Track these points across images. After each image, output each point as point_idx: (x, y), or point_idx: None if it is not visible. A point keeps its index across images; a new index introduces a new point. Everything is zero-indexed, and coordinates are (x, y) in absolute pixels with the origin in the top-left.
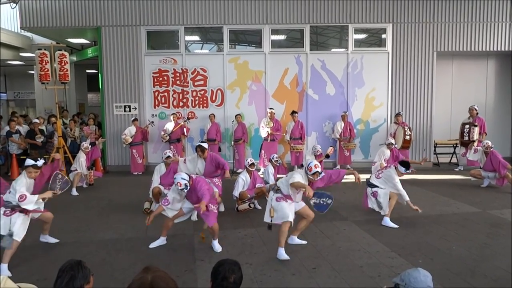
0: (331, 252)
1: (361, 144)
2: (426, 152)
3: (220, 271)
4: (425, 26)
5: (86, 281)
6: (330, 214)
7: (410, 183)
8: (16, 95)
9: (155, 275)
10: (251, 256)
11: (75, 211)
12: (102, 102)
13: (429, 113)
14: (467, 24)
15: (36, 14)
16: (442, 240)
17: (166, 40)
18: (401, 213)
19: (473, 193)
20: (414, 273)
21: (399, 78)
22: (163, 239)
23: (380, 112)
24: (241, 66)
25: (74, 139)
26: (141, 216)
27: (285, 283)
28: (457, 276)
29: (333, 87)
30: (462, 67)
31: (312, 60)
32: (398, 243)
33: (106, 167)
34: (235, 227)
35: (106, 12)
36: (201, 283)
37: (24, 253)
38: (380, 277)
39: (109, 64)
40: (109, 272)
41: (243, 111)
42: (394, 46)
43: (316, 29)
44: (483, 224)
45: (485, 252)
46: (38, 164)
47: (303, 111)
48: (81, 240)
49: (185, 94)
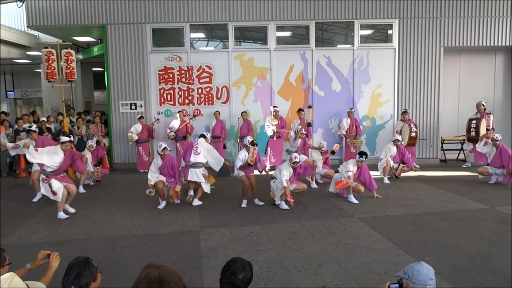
0: (337, 249)
1: (367, 141)
2: (433, 148)
3: (231, 266)
4: (432, 21)
5: (93, 278)
6: (336, 211)
7: (418, 180)
8: (23, 93)
9: (161, 269)
10: (257, 254)
11: (82, 208)
12: (108, 100)
13: (436, 109)
14: (475, 18)
15: (42, 12)
16: (450, 237)
17: (171, 38)
18: (407, 211)
19: (481, 190)
20: (417, 266)
21: (406, 74)
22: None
23: (386, 108)
24: (246, 63)
25: (81, 136)
26: (148, 214)
27: (291, 280)
28: (465, 273)
29: (339, 84)
30: (469, 63)
31: (317, 56)
32: (405, 240)
33: (113, 165)
34: (241, 224)
35: (112, 10)
36: (207, 280)
37: (32, 250)
38: (387, 274)
39: (115, 62)
40: (115, 269)
41: (248, 108)
42: (401, 41)
43: (322, 25)
44: (490, 221)
45: (493, 249)
46: (32, 128)
47: None
48: (88, 237)
49: (191, 91)
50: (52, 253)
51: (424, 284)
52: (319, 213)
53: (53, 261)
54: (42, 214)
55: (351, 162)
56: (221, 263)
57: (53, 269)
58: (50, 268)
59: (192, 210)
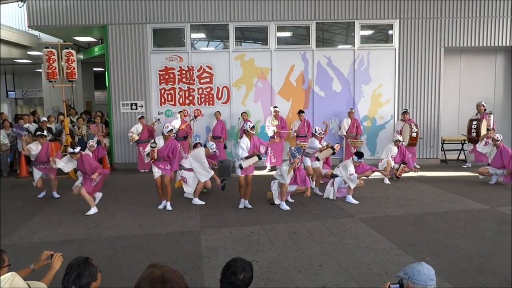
0: (337, 249)
1: (368, 141)
2: (434, 148)
3: (231, 266)
4: (432, 22)
5: (93, 278)
6: (336, 211)
7: (418, 180)
8: (24, 93)
9: (164, 269)
10: (257, 254)
11: (82, 208)
12: (109, 100)
13: (437, 110)
14: (475, 19)
15: (43, 12)
16: (450, 237)
17: (172, 38)
18: (408, 211)
19: (481, 190)
20: (417, 266)
21: (406, 75)
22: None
23: (387, 109)
24: (247, 63)
25: (81, 136)
26: (148, 213)
27: (291, 280)
28: (465, 273)
29: (340, 84)
30: (470, 63)
31: (318, 56)
32: (405, 240)
33: (113, 165)
34: (241, 225)
35: (113, 10)
36: (208, 280)
37: (32, 250)
38: (387, 274)
39: (115, 62)
40: (116, 269)
41: (249, 108)
42: (401, 42)
43: (322, 26)
44: (491, 221)
45: (493, 249)
46: (75, 151)
47: (309, 108)
48: (88, 237)
49: (191, 91)
50: (55, 254)
51: (425, 284)
52: (319, 213)
53: (55, 262)
54: (43, 214)
55: (349, 163)
56: (221, 263)
57: (55, 270)
58: (52, 268)
59: (193, 210)
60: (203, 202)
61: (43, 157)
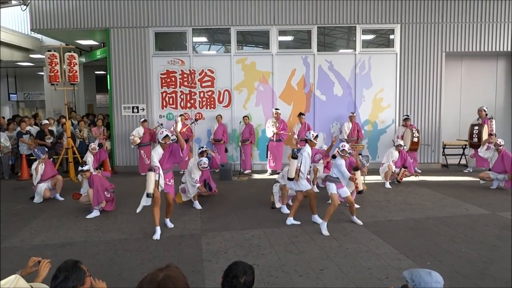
0: (338, 253)
1: (369, 145)
2: (435, 153)
3: (233, 269)
4: (434, 27)
5: (80, 282)
6: (337, 215)
7: (419, 185)
8: (26, 96)
9: (166, 274)
10: (258, 257)
11: (83, 211)
12: (111, 103)
13: (438, 114)
14: (476, 24)
15: (46, 16)
16: (451, 242)
17: (173, 42)
18: (409, 215)
19: (482, 195)
20: (426, 277)
21: (407, 79)
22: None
23: (388, 113)
24: (248, 67)
25: (83, 139)
26: (149, 217)
27: (292, 285)
28: (466, 278)
29: (341, 88)
30: (471, 68)
31: (319, 61)
32: (407, 245)
33: (114, 168)
34: (242, 228)
35: (115, 13)
36: (209, 283)
37: (33, 252)
38: (388, 279)
39: (117, 65)
40: (117, 272)
41: (250, 112)
42: (402, 46)
43: (324, 30)
44: (492, 226)
45: (495, 254)
46: (84, 169)
47: (310, 112)
48: (89, 240)
49: (193, 95)
50: (42, 260)
51: None
52: (320, 217)
53: (41, 269)
54: (44, 217)
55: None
56: (222, 266)
57: (41, 278)
58: (38, 276)
59: (194, 214)
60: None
61: (49, 174)
